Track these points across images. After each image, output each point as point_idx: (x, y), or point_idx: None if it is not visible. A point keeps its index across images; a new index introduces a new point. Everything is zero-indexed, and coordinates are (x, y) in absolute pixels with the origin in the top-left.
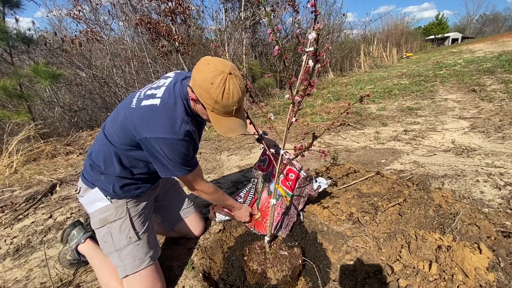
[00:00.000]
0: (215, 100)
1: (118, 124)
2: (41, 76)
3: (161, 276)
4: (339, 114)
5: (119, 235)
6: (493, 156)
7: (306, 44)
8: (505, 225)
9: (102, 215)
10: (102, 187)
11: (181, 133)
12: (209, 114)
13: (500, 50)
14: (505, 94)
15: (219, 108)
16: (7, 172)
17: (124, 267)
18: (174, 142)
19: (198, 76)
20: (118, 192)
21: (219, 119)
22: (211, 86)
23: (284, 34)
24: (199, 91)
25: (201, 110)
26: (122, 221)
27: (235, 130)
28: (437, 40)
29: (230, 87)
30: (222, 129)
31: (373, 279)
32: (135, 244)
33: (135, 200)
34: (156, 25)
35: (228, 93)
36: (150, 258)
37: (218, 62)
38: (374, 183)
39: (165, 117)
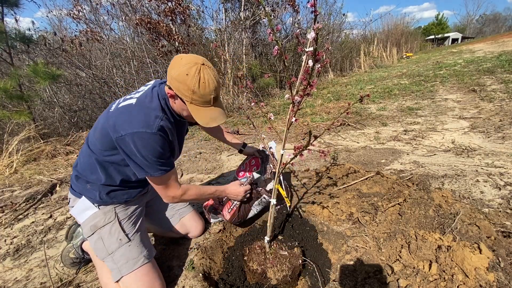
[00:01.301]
0: (192, 90)
1: (98, 131)
2: (40, 76)
3: (159, 275)
4: (339, 114)
5: (109, 239)
6: (493, 156)
7: (306, 44)
8: (505, 225)
9: (91, 222)
10: (89, 195)
11: (155, 127)
12: (188, 107)
13: (500, 50)
14: (505, 94)
15: (197, 98)
16: (7, 172)
17: (118, 269)
18: (147, 136)
19: (174, 71)
20: (105, 199)
21: (198, 110)
22: (187, 77)
23: (284, 34)
24: (177, 85)
25: (180, 106)
26: (111, 225)
27: (216, 119)
28: (437, 40)
29: (205, 76)
30: (203, 119)
31: (373, 279)
32: (126, 246)
33: (123, 205)
34: (156, 25)
35: (204, 82)
36: (144, 257)
37: (191, 56)
38: (374, 183)
39: (139, 113)
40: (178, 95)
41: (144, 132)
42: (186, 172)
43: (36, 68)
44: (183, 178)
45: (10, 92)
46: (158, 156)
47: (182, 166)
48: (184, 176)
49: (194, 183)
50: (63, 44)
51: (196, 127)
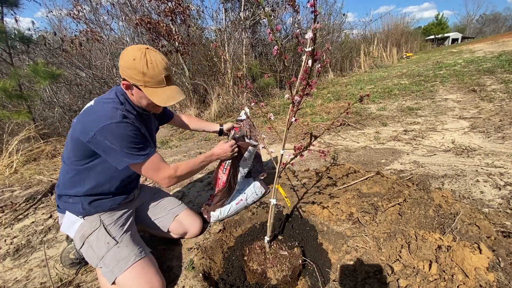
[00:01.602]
0: (142, 72)
1: (69, 143)
2: (40, 76)
3: (156, 271)
4: (339, 114)
5: (97, 245)
6: (493, 156)
7: (306, 44)
8: (505, 225)
9: (80, 233)
10: (72, 209)
11: (119, 116)
12: (144, 91)
13: (500, 50)
14: (505, 94)
15: (149, 79)
16: (7, 172)
17: (111, 271)
18: (114, 125)
19: (122, 61)
20: (88, 209)
21: (154, 91)
22: (134, 62)
23: (284, 34)
24: (127, 72)
25: (137, 94)
26: (98, 231)
27: (174, 97)
28: (437, 40)
29: (152, 58)
30: (161, 99)
31: (373, 279)
32: (115, 248)
33: (109, 212)
34: (156, 25)
35: (152, 63)
36: (135, 255)
37: (134, 45)
38: (374, 183)
39: (100, 109)
40: (131, 82)
41: (110, 123)
42: None
43: (36, 67)
44: None
45: (10, 92)
46: (132, 141)
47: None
48: None
49: (194, 182)
50: (63, 44)
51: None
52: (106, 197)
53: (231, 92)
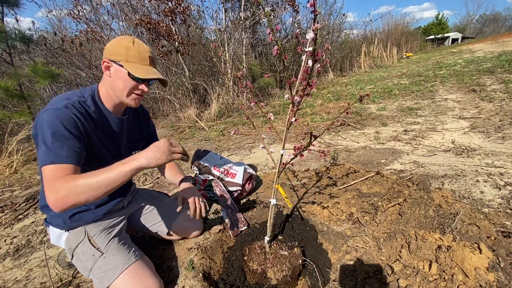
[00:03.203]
0: (127, 46)
1: None
2: (40, 76)
3: (151, 273)
4: (339, 114)
5: (84, 257)
6: (493, 156)
7: (306, 44)
8: (505, 225)
9: (67, 246)
10: (56, 222)
11: (61, 104)
12: (125, 66)
13: (500, 50)
14: (505, 94)
15: (133, 54)
16: (7, 172)
17: (100, 282)
18: (52, 111)
19: (107, 45)
20: (69, 223)
21: (136, 66)
22: (121, 39)
23: (284, 34)
24: (110, 49)
25: (116, 74)
26: (82, 244)
27: (155, 73)
28: (437, 40)
29: (139, 41)
30: (141, 71)
31: (373, 279)
32: (101, 259)
33: (93, 223)
34: (156, 25)
35: (138, 43)
36: (123, 263)
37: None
38: (374, 183)
39: (53, 100)
40: (112, 59)
41: (48, 109)
42: (185, 172)
43: (36, 67)
44: None
45: (10, 92)
46: (56, 134)
47: (182, 166)
48: None
49: None
50: (63, 44)
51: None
52: (87, 209)
53: (231, 92)
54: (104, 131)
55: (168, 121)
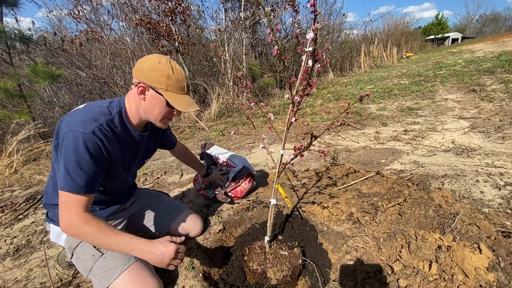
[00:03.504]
0: (167, 75)
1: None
2: (40, 76)
3: (150, 273)
4: (339, 114)
5: (84, 257)
6: (493, 156)
7: (306, 44)
8: (505, 225)
9: (67, 245)
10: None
11: (90, 128)
12: (165, 95)
13: (500, 50)
14: (505, 94)
15: (173, 83)
16: (7, 172)
17: (100, 282)
18: (78, 135)
19: (144, 64)
20: None
21: (176, 96)
22: (160, 64)
23: (284, 34)
24: (149, 74)
25: (151, 100)
26: (83, 243)
27: (192, 105)
28: (437, 40)
29: (175, 65)
30: (182, 104)
31: (373, 279)
32: (101, 259)
33: None
34: (156, 25)
35: (176, 69)
36: (122, 264)
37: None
38: (374, 183)
39: (80, 114)
40: (151, 85)
41: (76, 131)
42: (186, 172)
43: (36, 67)
44: (183, 178)
45: (10, 92)
46: (80, 162)
47: (182, 166)
48: (184, 176)
49: None
50: (63, 44)
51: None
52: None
53: (231, 92)
54: (126, 148)
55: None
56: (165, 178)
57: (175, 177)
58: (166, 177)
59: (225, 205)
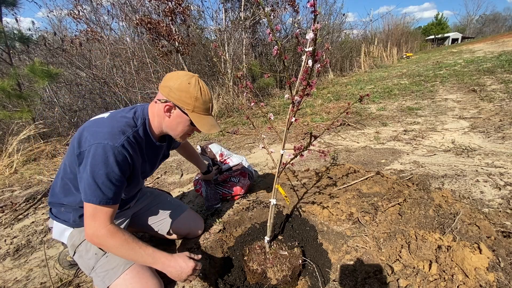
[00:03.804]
0: (195, 97)
1: (69, 148)
2: (38, 75)
3: (151, 274)
4: (339, 114)
5: (86, 255)
6: (493, 156)
7: (306, 44)
8: (505, 225)
9: (70, 242)
10: (63, 218)
11: (120, 141)
12: (190, 116)
13: (500, 50)
14: (505, 94)
15: (200, 105)
16: (7, 172)
17: (102, 281)
18: (109, 148)
19: (173, 82)
20: (78, 221)
21: (201, 118)
22: (189, 86)
23: (284, 34)
24: (178, 94)
25: (176, 118)
26: (86, 242)
27: (215, 126)
28: (437, 40)
29: (204, 86)
30: (206, 126)
31: (373, 279)
32: (103, 258)
33: None
34: (156, 25)
35: (204, 90)
36: (124, 263)
37: (184, 71)
38: (374, 183)
39: (106, 125)
40: (178, 105)
41: (105, 144)
42: (186, 172)
43: (34, 67)
44: (183, 178)
45: (9, 92)
46: (109, 175)
47: (182, 166)
48: (184, 176)
49: None
50: (63, 44)
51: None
52: None
53: (231, 92)
54: (147, 158)
55: None
56: (165, 178)
57: (175, 177)
58: (166, 177)
59: (225, 205)
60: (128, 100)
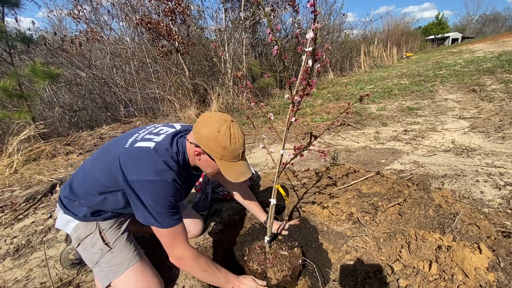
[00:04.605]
0: (224, 146)
1: (105, 162)
2: (39, 75)
3: (153, 273)
4: (339, 114)
5: (92, 250)
6: (493, 156)
7: (306, 44)
8: (505, 225)
9: (75, 234)
10: (74, 211)
11: (171, 176)
12: (218, 163)
13: (500, 50)
14: (505, 94)
15: (228, 154)
16: (7, 172)
17: (105, 276)
18: (161, 184)
19: (204, 129)
20: (88, 217)
21: (228, 165)
22: (218, 134)
23: (284, 34)
24: (207, 142)
25: (205, 162)
26: (92, 236)
27: (244, 173)
28: (437, 40)
29: (235, 132)
30: (233, 175)
31: (373, 279)
32: (108, 254)
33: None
34: (156, 25)
35: (234, 138)
36: (129, 261)
37: (218, 113)
38: (374, 183)
39: (156, 161)
40: (206, 152)
41: (157, 180)
42: None
43: (35, 67)
44: None
45: (10, 92)
46: (168, 206)
47: None
48: None
49: None
50: (63, 44)
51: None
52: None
53: (231, 92)
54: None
55: (168, 121)
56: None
57: None
58: None
59: (225, 205)
60: (128, 100)
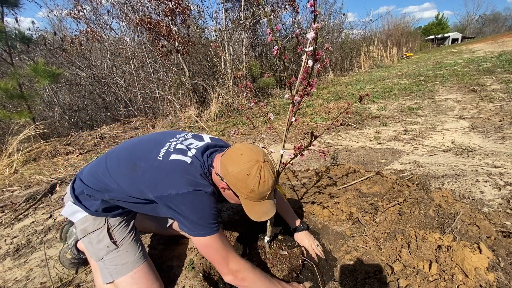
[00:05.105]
0: (251, 189)
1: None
2: (40, 75)
3: (156, 277)
4: (339, 114)
5: (98, 245)
6: (493, 156)
7: (306, 44)
8: (505, 225)
9: (82, 226)
10: (86, 204)
11: (210, 191)
12: (242, 202)
13: (500, 50)
14: (505, 94)
15: (254, 196)
16: (7, 172)
17: (109, 273)
18: (202, 195)
19: (233, 168)
20: (99, 211)
21: (252, 205)
22: (247, 177)
23: (284, 34)
24: (234, 182)
25: (230, 196)
26: (100, 231)
27: (267, 213)
28: (437, 40)
29: (266, 174)
30: (255, 215)
31: (373, 279)
32: (114, 252)
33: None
34: (156, 25)
35: (263, 181)
36: (135, 261)
37: (250, 151)
38: (374, 183)
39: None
40: (232, 190)
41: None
42: None
43: (36, 67)
44: None
45: (10, 92)
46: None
47: None
48: None
49: None
50: (63, 44)
51: None
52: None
53: (231, 92)
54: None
55: (168, 121)
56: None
57: None
58: None
59: (225, 205)
60: (128, 100)
